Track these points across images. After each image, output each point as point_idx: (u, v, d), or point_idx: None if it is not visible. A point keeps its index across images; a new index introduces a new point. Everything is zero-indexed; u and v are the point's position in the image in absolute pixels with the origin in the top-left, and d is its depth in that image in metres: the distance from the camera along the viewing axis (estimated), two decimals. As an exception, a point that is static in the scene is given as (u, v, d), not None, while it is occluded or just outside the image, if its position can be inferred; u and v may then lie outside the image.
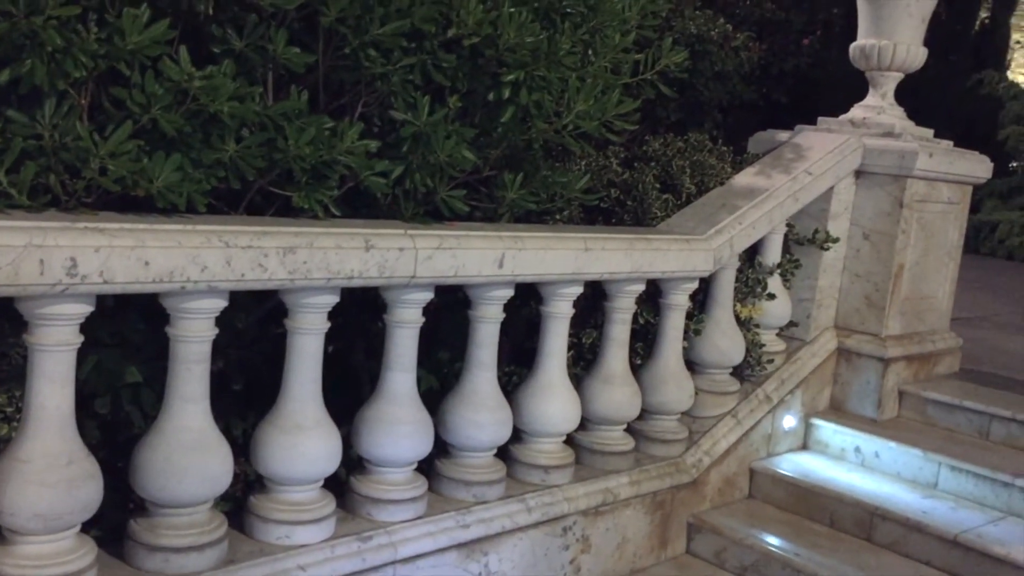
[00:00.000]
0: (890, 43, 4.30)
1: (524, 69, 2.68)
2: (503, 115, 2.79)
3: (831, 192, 4.15)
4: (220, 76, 2.10)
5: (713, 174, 3.98)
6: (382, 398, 2.74)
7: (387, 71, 2.48)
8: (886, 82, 4.46)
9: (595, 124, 2.91)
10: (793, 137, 4.32)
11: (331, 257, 2.32)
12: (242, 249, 2.15)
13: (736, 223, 3.62)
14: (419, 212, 2.76)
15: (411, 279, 2.54)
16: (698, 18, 4.70)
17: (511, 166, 3.04)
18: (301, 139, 2.28)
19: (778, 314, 4.09)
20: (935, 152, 4.16)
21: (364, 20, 2.36)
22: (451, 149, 2.61)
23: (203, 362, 2.29)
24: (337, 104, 2.66)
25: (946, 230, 4.44)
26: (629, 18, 3.02)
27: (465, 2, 2.54)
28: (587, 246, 3.00)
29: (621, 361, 3.37)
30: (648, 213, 3.68)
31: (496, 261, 2.73)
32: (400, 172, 2.63)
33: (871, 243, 4.23)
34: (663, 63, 3.16)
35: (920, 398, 4.25)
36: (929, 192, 4.25)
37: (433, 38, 2.58)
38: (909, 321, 4.36)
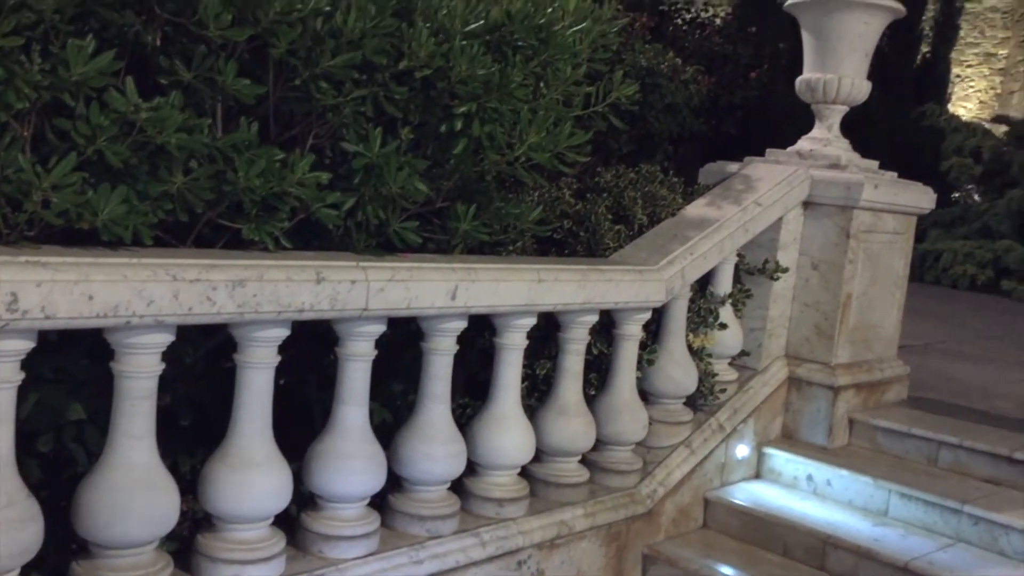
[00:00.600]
0: (835, 77, 4.39)
1: (476, 101, 2.69)
2: (456, 147, 2.79)
3: (780, 223, 4.20)
4: (168, 107, 2.08)
5: (665, 205, 4.01)
6: (334, 432, 2.70)
7: (338, 103, 2.47)
8: (832, 115, 4.55)
9: (547, 156, 2.93)
10: (742, 168, 4.38)
11: (282, 290, 2.29)
12: (190, 282, 2.11)
13: (688, 253, 3.65)
14: (371, 244, 2.74)
15: (363, 311, 2.51)
16: (648, 52, 4.76)
17: (464, 197, 3.03)
18: (251, 171, 2.26)
19: (730, 343, 4.12)
20: (880, 183, 4.25)
21: (315, 52, 2.36)
22: (403, 181, 2.61)
23: (149, 398, 2.24)
24: (288, 135, 2.64)
25: (892, 260, 4.52)
26: (580, 51, 3.05)
27: (417, 35, 2.55)
28: (540, 277, 3.00)
29: (575, 392, 3.37)
30: (601, 244, 3.70)
31: (449, 293, 2.71)
32: (352, 204, 2.61)
33: (820, 273, 4.29)
34: (614, 96, 3.19)
35: (870, 426, 4.30)
36: (875, 223, 4.33)
37: (385, 70, 2.58)
38: (858, 350, 4.42)
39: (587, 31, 3.05)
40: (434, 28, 2.65)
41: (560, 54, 2.97)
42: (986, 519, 3.60)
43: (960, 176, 12.34)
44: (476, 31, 2.75)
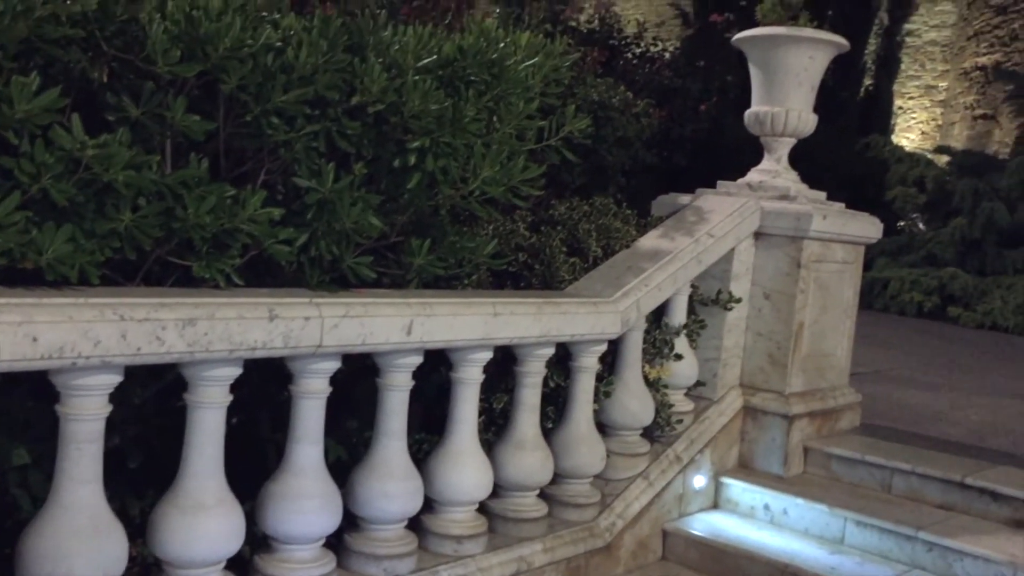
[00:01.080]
0: (782, 110, 4.47)
1: (430, 136, 2.69)
2: (409, 181, 2.78)
3: (732, 253, 4.25)
4: (115, 144, 2.04)
5: (619, 237, 4.04)
6: (288, 472, 2.65)
7: (291, 138, 2.45)
8: (780, 147, 4.63)
9: (501, 190, 2.93)
10: (694, 200, 4.42)
11: (233, 328, 2.26)
12: (138, 322, 2.07)
13: (642, 285, 3.67)
14: (325, 280, 2.72)
15: (317, 348, 2.48)
16: (600, 85, 4.81)
17: (418, 232, 3.02)
18: (201, 208, 2.23)
19: (686, 374, 4.14)
20: (828, 214, 4.32)
21: (266, 87, 2.34)
22: (357, 216, 2.59)
23: (95, 441, 2.18)
24: (239, 171, 2.61)
25: (842, 289, 4.59)
26: (533, 86, 3.07)
27: (369, 70, 2.54)
28: (496, 311, 2.99)
29: (532, 426, 3.35)
30: (556, 277, 3.71)
31: (404, 328, 2.69)
32: (305, 239, 2.58)
33: (772, 303, 4.33)
34: (567, 129, 3.21)
35: (824, 454, 4.34)
36: (824, 252, 4.39)
37: (337, 105, 2.57)
38: (811, 378, 4.46)
39: (539, 66, 3.07)
40: (387, 63, 2.65)
41: (513, 89, 2.99)
42: (940, 545, 3.63)
43: (905, 205, 12.60)
44: (429, 66, 2.76)
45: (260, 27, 2.33)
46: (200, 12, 2.18)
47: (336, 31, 2.51)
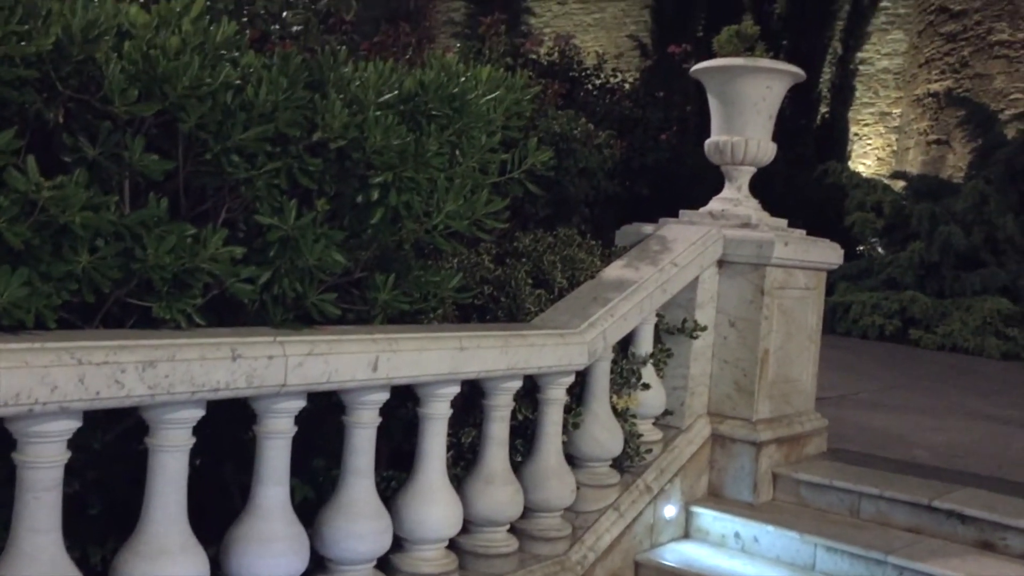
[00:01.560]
0: (742, 139, 4.53)
1: (392, 171, 2.68)
2: (373, 217, 2.77)
3: (697, 282, 4.27)
4: (72, 186, 2.01)
5: (584, 268, 4.05)
6: (253, 514, 2.60)
7: (251, 176, 2.43)
8: (740, 176, 4.68)
9: (465, 223, 2.92)
10: (658, 230, 4.45)
11: (195, 369, 2.22)
12: (96, 366, 2.03)
13: (608, 315, 3.67)
14: (289, 317, 2.69)
15: (281, 387, 2.45)
16: (561, 118, 4.84)
17: (383, 267, 3.00)
18: (161, 248, 2.20)
19: (653, 403, 4.14)
20: (790, 241, 4.36)
21: (226, 125, 2.32)
22: (320, 252, 2.57)
23: (54, 489, 2.12)
24: (200, 210, 2.58)
25: (805, 315, 4.62)
26: (494, 119, 3.08)
27: (330, 106, 2.54)
28: (462, 345, 2.97)
29: (501, 460, 3.32)
30: (522, 309, 3.70)
31: (370, 364, 2.67)
32: (268, 277, 2.55)
33: (737, 330, 4.36)
34: (529, 162, 3.22)
35: (793, 480, 4.35)
36: (787, 279, 4.43)
37: (298, 142, 2.56)
38: (777, 404, 4.48)
39: (501, 99, 3.08)
40: (347, 99, 2.65)
41: (475, 122, 3.00)
42: (910, 569, 3.64)
43: (864, 230, 12.78)
44: (390, 101, 2.76)
45: (219, 65, 2.31)
46: (158, 51, 2.16)
47: (296, 68, 2.50)
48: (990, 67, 18.15)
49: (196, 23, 2.30)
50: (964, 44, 18.77)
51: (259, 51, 2.95)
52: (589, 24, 31.31)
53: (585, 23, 31.35)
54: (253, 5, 3.16)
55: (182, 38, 2.25)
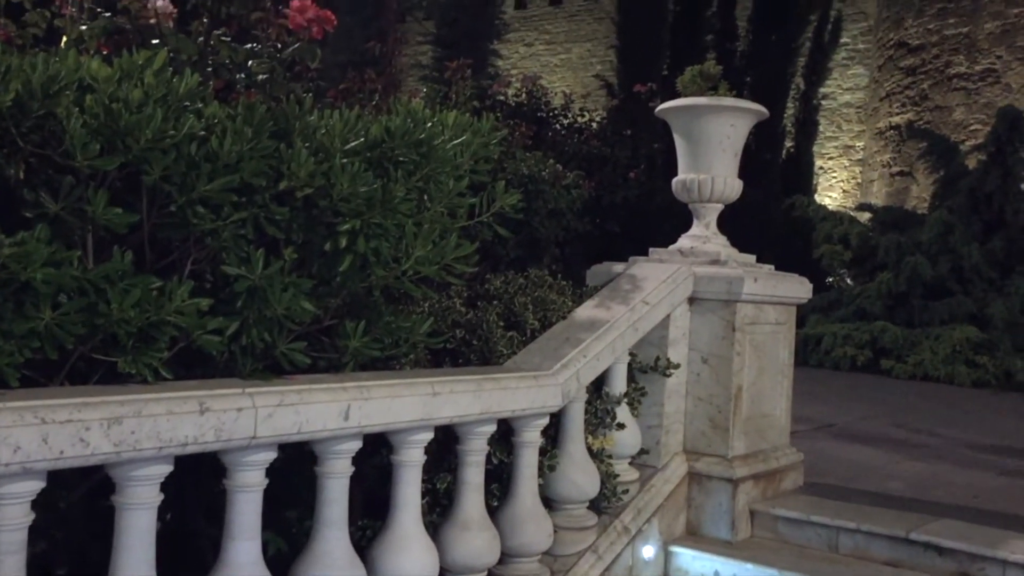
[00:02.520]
0: (708, 177, 4.57)
1: (360, 218, 2.67)
2: (341, 264, 2.75)
3: (668, 320, 4.28)
4: (33, 242, 1.98)
5: (555, 309, 4.04)
6: (225, 569, 2.54)
7: (217, 227, 2.41)
8: (708, 213, 4.71)
9: (434, 268, 2.91)
10: (628, 268, 4.46)
11: (162, 424, 2.18)
12: (60, 424, 1.98)
13: (581, 356, 3.66)
14: (258, 368, 2.65)
15: (251, 440, 2.41)
16: (529, 159, 4.87)
17: (352, 314, 2.98)
18: (125, 302, 2.17)
19: (629, 443, 4.12)
20: (759, 277, 4.39)
21: (190, 177, 2.30)
22: (289, 301, 2.54)
23: (18, 552, 2.07)
24: (166, 262, 2.55)
25: (777, 349, 4.64)
26: (462, 164, 3.08)
27: (296, 155, 2.53)
28: (435, 390, 2.94)
29: (477, 505, 3.29)
30: (494, 352, 3.68)
31: (341, 413, 2.63)
32: (236, 328, 2.52)
33: (710, 367, 4.36)
34: (498, 205, 3.22)
35: (771, 516, 4.33)
36: (758, 315, 4.45)
37: (264, 191, 2.54)
38: (753, 440, 4.48)
39: (468, 144, 3.09)
40: (313, 148, 2.65)
41: (442, 167, 3.00)
42: (890, 602, 3.63)
43: (832, 262, 12.92)
44: (356, 148, 2.75)
45: (183, 117, 2.30)
46: (120, 104, 2.15)
47: (261, 118, 2.50)
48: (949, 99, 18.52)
49: (159, 75, 2.29)
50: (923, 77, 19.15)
51: (224, 101, 2.95)
52: (556, 65, 31.67)
53: (552, 64, 31.72)
54: (217, 55, 3.16)
55: (145, 91, 2.24)
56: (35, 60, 2.15)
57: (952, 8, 19.03)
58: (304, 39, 3.23)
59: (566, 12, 32.15)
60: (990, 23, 18.30)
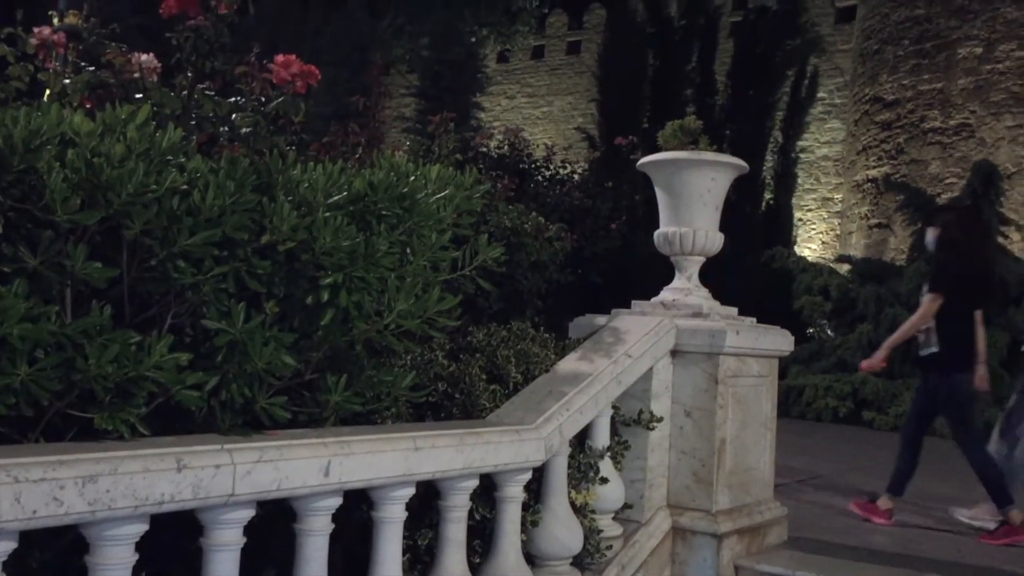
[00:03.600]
0: (690, 230, 4.60)
1: (342, 272, 2.66)
2: (323, 318, 2.73)
3: (651, 372, 4.27)
4: (10, 297, 1.96)
5: (538, 362, 4.03)
6: (200, 631, 2.48)
7: (198, 281, 2.40)
8: (690, 265, 4.74)
9: (417, 322, 2.90)
10: (610, 321, 4.46)
11: (138, 482, 2.14)
12: (34, 483, 1.94)
13: (564, 409, 3.64)
14: (237, 423, 2.62)
15: (230, 498, 2.36)
16: (512, 212, 4.89)
17: (334, 368, 2.96)
18: (103, 357, 2.14)
19: (612, 497, 4.08)
20: (741, 329, 4.40)
21: (171, 231, 2.29)
22: (269, 356, 2.52)
23: (-14, 615, 2.01)
24: (145, 316, 2.53)
25: (760, 402, 4.64)
26: (445, 217, 3.08)
27: (278, 209, 2.52)
28: (417, 445, 2.91)
29: (459, 563, 3.23)
30: (477, 405, 3.66)
31: (322, 469, 2.59)
32: (215, 383, 2.50)
33: (693, 420, 4.35)
34: (481, 259, 3.22)
35: (755, 572, 4.29)
36: (741, 367, 4.45)
37: (246, 245, 2.53)
38: (736, 494, 4.45)
39: (451, 198, 3.10)
40: (296, 201, 2.64)
41: (425, 221, 3.00)
42: (877, 660, 3.59)
43: (812, 313, 13.00)
44: (339, 202, 2.75)
45: (165, 171, 2.29)
46: (102, 159, 2.14)
47: (244, 172, 2.50)
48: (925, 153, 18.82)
49: (142, 129, 2.29)
50: (899, 131, 19.47)
51: (207, 154, 2.95)
52: (538, 117, 32.04)
53: (534, 116, 32.08)
54: (201, 109, 3.17)
55: (127, 145, 2.23)
56: (17, 114, 2.14)
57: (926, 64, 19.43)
58: (288, 93, 3.24)
59: (548, 66, 32.62)
60: (963, 79, 18.69)
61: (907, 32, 20.21)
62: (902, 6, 20.54)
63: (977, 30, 18.84)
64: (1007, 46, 18.40)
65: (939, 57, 19.30)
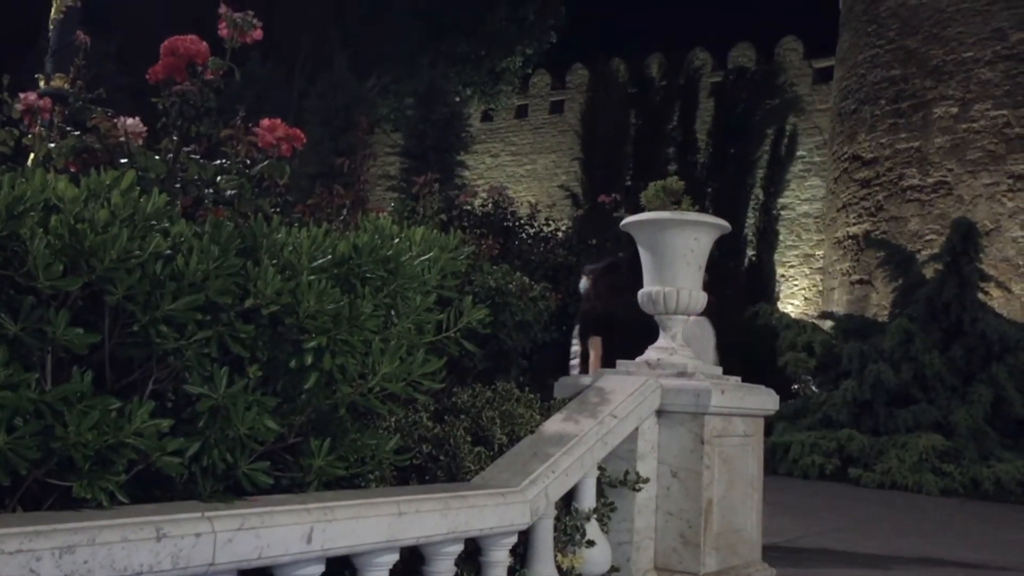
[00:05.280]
0: (673, 289, 4.61)
1: (326, 335, 2.65)
2: (307, 381, 2.71)
3: (637, 433, 4.25)
4: (-10, 364, 1.94)
5: (523, 423, 4.00)
6: None
7: (180, 346, 2.38)
8: (674, 324, 4.74)
9: (401, 385, 2.89)
10: (596, 381, 4.45)
11: (116, 553, 2.10)
12: (10, 555, 1.90)
13: (550, 471, 3.61)
14: (219, 489, 2.58)
15: (210, 567, 2.32)
16: (496, 272, 4.90)
17: (317, 431, 2.93)
18: (83, 424, 2.11)
19: (599, 560, 4.03)
20: (727, 389, 4.39)
21: (154, 296, 2.28)
22: (252, 420, 2.50)
23: None
24: (126, 381, 2.50)
25: (746, 462, 4.61)
26: (429, 280, 3.08)
27: (263, 273, 2.52)
28: (401, 510, 2.87)
29: (444, 630, 3.17)
30: (461, 468, 3.62)
31: (304, 536, 2.55)
32: (197, 449, 2.46)
33: (679, 480, 4.32)
34: (465, 320, 3.22)
35: (745, 635, 4.23)
36: (726, 427, 4.44)
37: (230, 309, 2.52)
38: (725, 556, 4.40)
39: (435, 260, 3.10)
40: (280, 265, 2.64)
41: (409, 283, 3.00)
42: None
43: (797, 370, 13.02)
44: (324, 266, 2.75)
45: (149, 236, 2.29)
46: (86, 225, 2.14)
47: (228, 236, 2.50)
48: (904, 210, 19.06)
49: (126, 195, 2.29)
50: (878, 189, 19.74)
51: (192, 217, 2.95)
52: (522, 175, 32.31)
53: (518, 174, 32.36)
54: (186, 172, 3.18)
55: (111, 210, 2.23)
56: (1, 180, 2.14)
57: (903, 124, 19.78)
58: (274, 156, 3.26)
59: (531, 125, 33.00)
60: (940, 138, 19.02)
61: (884, 92, 20.60)
62: (878, 67, 20.97)
63: (952, 90, 19.24)
64: (982, 106, 18.78)
65: (916, 116, 19.66)
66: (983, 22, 19.17)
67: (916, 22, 20.42)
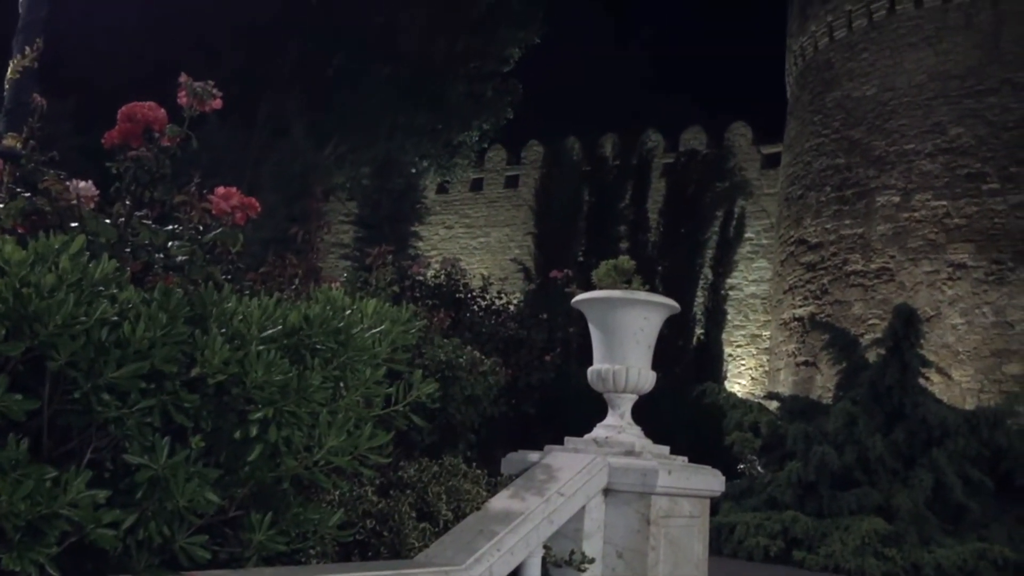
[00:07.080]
0: (623, 368, 4.64)
1: (273, 406, 2.62)
2: (251, 453, 2.67)
3: (583, 511, 4.22)
4: (-78, 430, 1.88)
5: (469, 499, 3.96)
6: None
7: (122, 415, 2.33)
8: (623, 403, 4.76)
9: (347, 459, 2.85)
10: (543, 458, 4.43)
11: (43, 629, 2.02)
12: (-72, 631, 1.82)
13: (495, 550, 3.57)
14: (154, 563, 2.50)
15: (140, 645, 2.24)
16: (447, 346, 4.89)
17: (259, 505, 2.86)
18: (16, 494, 2.05)
19: (542, 642, 3.96)
20: (673, 469, 4.40)
21: (98, 363, 2.24)
22: (192, 492, 2.44)
23: None
24: (64, 449, 2.44)
25: (692, 543, 4.60)
26: (380, 352, 3.07)
27: (211, 342, 2.49)
28: (341, 588, 2.81)
29: None
30: (405, 544, 3.56)
31: (240, 615, 2.48)
32: (133, 521, 2.40)
33: (625, 561, 4.28)
34: (415, 394, 3.20)
35: None
36: (672, 507, 4.43)
37: (175, 378, 2.48)
38: (669, 639, 4.35)
39: (386, 333, 3.09)
40: (229, 334, 2.61)
41: (360, 356, 2.98)
42: None
43: (743, 449, 13.05)
44: (273, 336, 2.73)
45: (95, 302, 2.26)
46: (31, 289, 2.11)
47: (177, 303, 2.47)
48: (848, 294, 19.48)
49: (75, 260, 2.27)
50: (823, 273, 20.18)
51: (141, 283, 2.91)
52: (475, 248, 32.48)
53: (471, 247, 32.52)
54: (137, 236, 3.15)
55: (59, 275, 2.20)
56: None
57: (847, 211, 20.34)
58: (227, 224, 3.24)
59: (486, 198, 33.32)
60: (883, 225, 19.57)
61: (829, 179, 21.22)
62: (823, 155, 21.63)
63: (894, 180, 19.88)
64: (922, 196, 19.40)
65: (859, 204, 20.23)
66: (924, 116, 19.93)
67: (860, 114, 21.17)
